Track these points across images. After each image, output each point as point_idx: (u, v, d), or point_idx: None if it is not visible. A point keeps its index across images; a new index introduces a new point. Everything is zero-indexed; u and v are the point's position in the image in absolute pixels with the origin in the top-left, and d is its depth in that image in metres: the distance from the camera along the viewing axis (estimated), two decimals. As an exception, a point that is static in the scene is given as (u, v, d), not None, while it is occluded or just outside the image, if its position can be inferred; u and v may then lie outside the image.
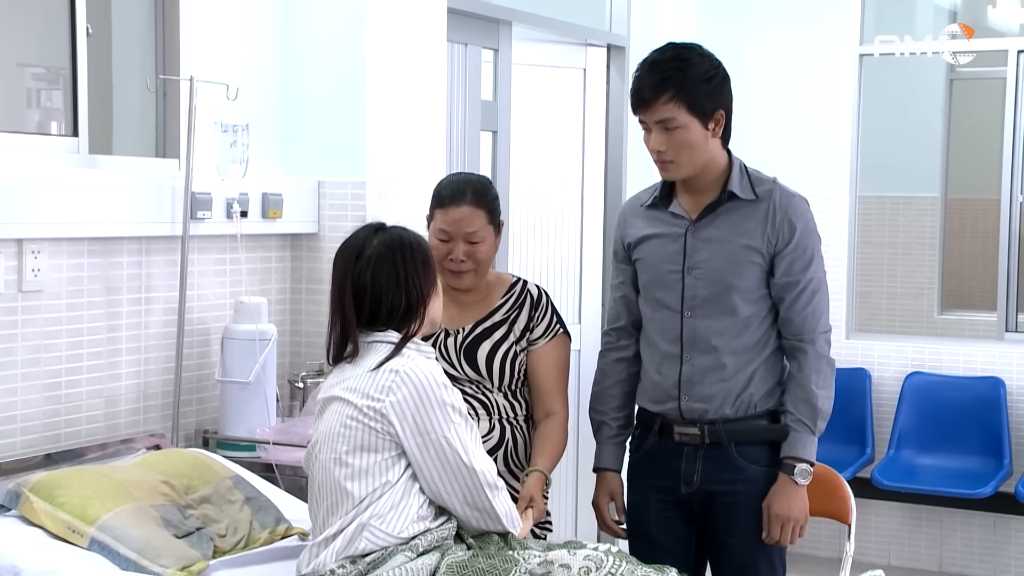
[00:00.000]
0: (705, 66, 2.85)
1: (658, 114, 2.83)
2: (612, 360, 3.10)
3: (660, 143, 2.85)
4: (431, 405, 2.46)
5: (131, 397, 3.50)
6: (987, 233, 6.18)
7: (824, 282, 2.95)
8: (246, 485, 3.07)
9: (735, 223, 2.89)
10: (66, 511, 2.73)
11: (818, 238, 2.95)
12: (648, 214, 3.00)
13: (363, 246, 2.58)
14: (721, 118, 2.86)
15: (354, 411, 2.48)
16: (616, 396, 3.09)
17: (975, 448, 5.50)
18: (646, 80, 2.84)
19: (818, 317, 2.91)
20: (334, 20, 3.96)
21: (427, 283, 2.59)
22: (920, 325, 7.10)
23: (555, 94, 5.34)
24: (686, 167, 2.87)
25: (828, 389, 2.91)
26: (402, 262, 2.56)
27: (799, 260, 2.88)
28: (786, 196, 2.90)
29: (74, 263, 3.32)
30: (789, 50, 5.90)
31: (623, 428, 3.10)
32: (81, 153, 3.44)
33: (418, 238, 2.63)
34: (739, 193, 2.89)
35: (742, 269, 2.88)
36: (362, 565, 2.43)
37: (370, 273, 2.56)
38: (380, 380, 2.47)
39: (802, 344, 2.90)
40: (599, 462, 3.12)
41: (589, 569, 2.39)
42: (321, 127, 3.99)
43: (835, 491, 3.13)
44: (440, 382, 2.49)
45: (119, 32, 3.75)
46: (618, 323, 3.10)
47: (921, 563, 5.73)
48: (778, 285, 2.89)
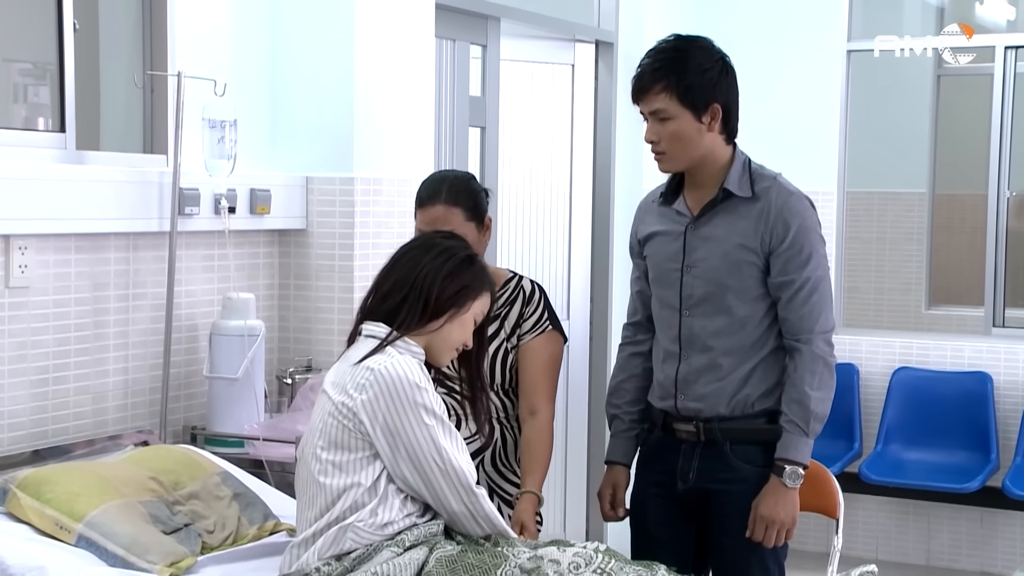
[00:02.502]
0: (702, 58, 2.83)
1: (651, 104, 2.83)
2: (628, 355, 3.09)
3: (653, 134, 2.85)
4: (402, 406, 2.43)
5: (119, 393, 3.50)
6: (974, 229, 6.20)
7: (824, 281, 2.88)
8: (234, 481, 3.07)
9: (731, 222, 2.87)
10: (53, 508, 2.73)
11: (819, 237, 2.90)
12: (658, 210, 2.99)
13: (416, 239, 2.64)
14: (717, 112, 2.83)
15: (331, 407, 2.48)
16: (630, 391, 3.07)
17: (962, 443, 5.52)
18: (645, 69, 2.84)
19: (816, 317, 2.85)
20: (322, 15, 3.96)
21: (445, 294, 2.54)
22: (908, 320, 7.12)
23: (543, 90, 5.34)
24: (679, 159, 2.86)
25: (823, 391, 2.85)
26: (430, 258, 2.55)
27: (795, 259, 2.84)
28: (783, 194, 2.87)
29: (61, 259, 3.31)
30: (777, 46, 5.90)
31: (636, 422, 3.07)
32: (68, 149, 3.43)
33: (466, 252, 2.60)
34: (736, 191, 2.86)
35: (737, 268, 2.86)
36: (348, 562, 2.42)
37: (394, 259, 2.59)
38: (357, 377, 2.46)
39: (798, 344, 2.86)
40: (610, 455, 3.10)
41: (578, 565, 2.39)
42: (309, 123, 3.99)
43: (823, 486, 3.13)
44: (413, 382, 2.44)
45: (106, 27, 3.74)
46: (635, 318, 3.09)
47: (909, 557, 5.75)
48: (774, 284, 2.86)
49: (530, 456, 3.00)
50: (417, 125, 4.20)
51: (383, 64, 4.04)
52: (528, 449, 3.01)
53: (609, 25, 5.46)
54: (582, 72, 5.45)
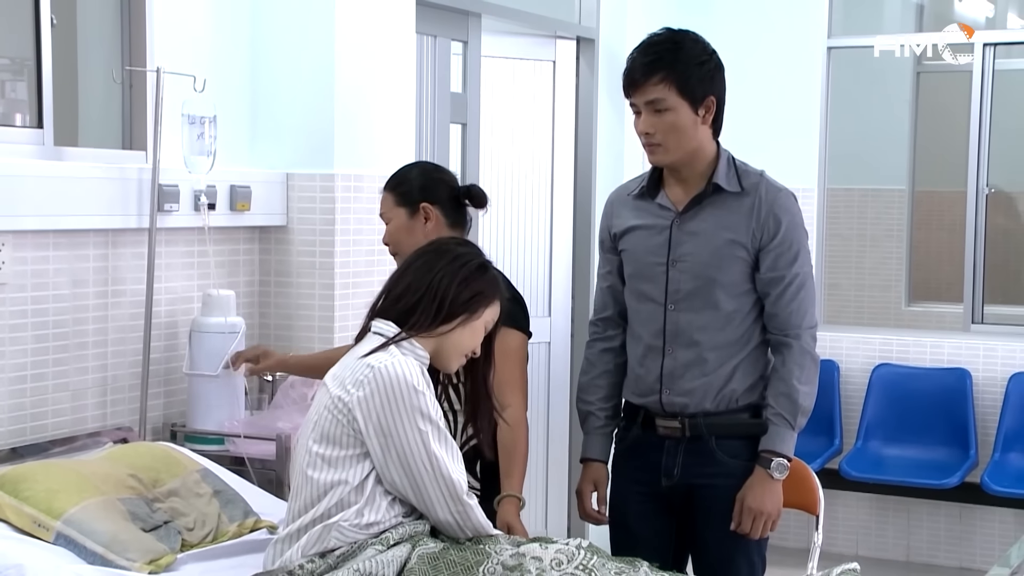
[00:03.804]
0: (698, 50, 2.84)
1: (648, 95, 2.81)
2: (599, 351, 3.08)
3: (649, 125, 2.83)
4: (398, 407, 2.42)
5: (98, 390, 3.48)
6: (954, 225, 6.23)
7: (810, 277, 2.91)
8: (214, 478, 3.06)
9: (720, 217, 2.87)
10: (31, 505, 2.71)
11: (804, 233, 2.92)
12: (635, 204, 2.97)
13: (430, 244, 2.66)
14: (712, 105, 2.83)
15: (328, 400, 2.47)
16: (603, 387, 3.06)
17: (941, 439, 5.54)
18: (638, 61, 2.83)
19: (803, 312, 2.88)
20: (302, 11, 3.94)
21: (459, 299, 2.54)
22: (888, 317, 7.15)
23: (525, 86, 5.34)
24: (673, 151, 2.84)
25: (810, 385, 2.89)
26: (445, 263, 2.56)
27: (784, 255, 2.86)
28: (772, 190, 2.88)
29: (39, 255, 3.29)
30: (758, 43, 5.92)
31: (610, 419, 3.07)
32: (46, 145, 3.41)
33: (479, 259, 2.62)
34: (725, 185, 2.86)
35: (726, 263, 2.86)
36: (331, 559, 2.42)
37: (407, 263, 2.61)
38: (357, 372, 2.45)
39: (787, 339, 2.88)
40: (586, 452, 3.09)
41: (560, 561, 2.39)
42: (289, 119, 3.97)
43: (803, 482, 3.14)
44: (412, 385, 2.43)
45: (84, 22, 3.71)
46: (604, 313, 3.08)
47: (888, 553, 5.77)
48: (763, 280, 2.87)
49: (507, 459, 2.96)
50: (398, 121, 4.19)
51: (364, 60, 4.03)
52: (504, 452, 2.97)
53: (590, 22, 5.46)
54: (563, 68, 5.44)
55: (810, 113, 5.89)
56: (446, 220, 3.11)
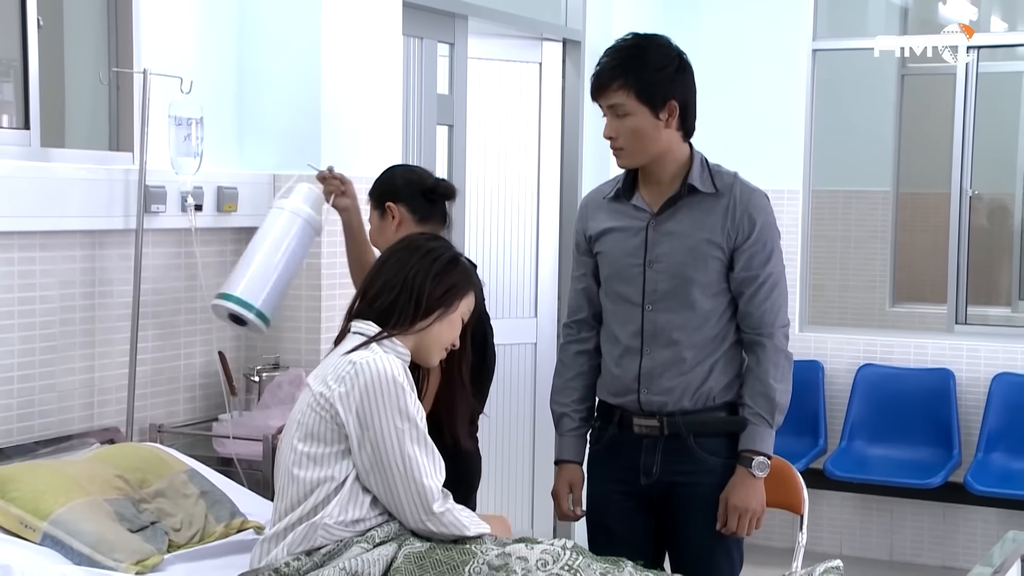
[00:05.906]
0: (659, 55, 2.87)
1: (609, 99, 2.87)
2: (573, 353, 3.10)
3: (611, 129, 2.89)
4: (378, 401, 2.42)
5: (85, 391, 3.48)
6: (937, 227, 6.26)
7: (783, 276, 2.96)
8: (201, 479, 3.07)
9: (696, 217, 2.90)
10: (18, 506, 2.71)
11: (777, 233, 2.96)
12: (610, 207, 3.00)
13: (400, 241, 2.67)
14: (674, 109, 2.86)
15: (311, 398, 2.48)
16: (577, 388, 3.09)
17: (925, 439, 5.57)
18: (604, 67, 2.88)
19: (776, 311, 2.93)
20: (289, 13, 3.95)
21: (434, 294, 2.56)
22: (872, 318, 7.18)
23: (511, 88, 5.35)
24: (636, 155, 2.89)
25: (786, 383, 2.93)
26: (417, 259, 2.57)
27: (759, 255, 2.90)
28: (747, 191, 2.92)
29: (26, 256, 3.29)
30: (743, 45, 5.94)
31: (584, 420, 3.10)
32: (33, 146, 3.41)
33: (450, 253, 2.63)
34: (699, 187, 2.89)
35: (702, 263, 2.89)
36: (317, 557, 2.42)
37: (380, 262, 2.62)
38: (339, 369, 2.47)
39: (760, 338, 2.92)
40: (560, 454, 3.12)
41: (546, 562, 2.40)
42: (276, 120, 3.98)
43: (788, 482, 3.16)
44: (397, 382, 2.44)
45: (71, 24, 3.72)
46: (579, 315, 3.10)
47: (872, 552, 5.80)
48: (737, 279, 2.91)
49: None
50: (385, 123, 4.20)
51: (351, 62, 4.04)
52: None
53: (576, 24, 5.48)
54: (549, 70, 5.46)
55: (795, 115, 5.92)
56: (413, 216, 3.18)
